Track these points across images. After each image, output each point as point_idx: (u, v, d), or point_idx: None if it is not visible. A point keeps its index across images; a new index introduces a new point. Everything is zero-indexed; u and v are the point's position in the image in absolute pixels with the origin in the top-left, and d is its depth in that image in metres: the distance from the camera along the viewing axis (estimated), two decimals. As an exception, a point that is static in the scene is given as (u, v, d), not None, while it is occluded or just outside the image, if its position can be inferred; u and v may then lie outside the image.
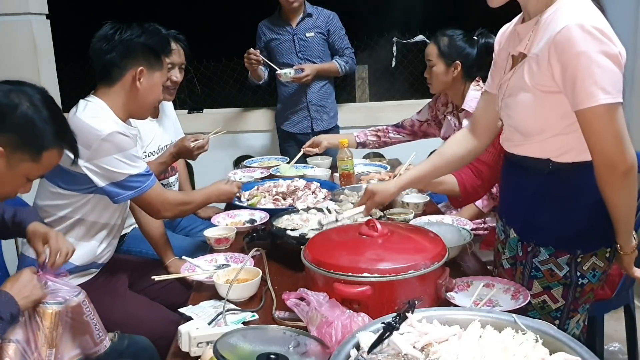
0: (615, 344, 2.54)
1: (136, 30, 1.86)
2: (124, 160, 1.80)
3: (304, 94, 3.54)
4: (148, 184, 1.86)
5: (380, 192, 1.80)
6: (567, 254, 1.50)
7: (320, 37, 3.51)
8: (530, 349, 1.03)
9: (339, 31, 3.55)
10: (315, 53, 3.50)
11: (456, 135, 1.81)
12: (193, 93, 5.35)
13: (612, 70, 1.29)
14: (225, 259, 1.83)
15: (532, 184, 1.52)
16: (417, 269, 1.35)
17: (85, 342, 1.47)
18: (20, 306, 1.33)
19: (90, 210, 1.89)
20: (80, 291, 1.48)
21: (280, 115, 3.68)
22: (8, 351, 1.33)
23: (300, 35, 3.48)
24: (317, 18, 3.51)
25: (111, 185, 1.81)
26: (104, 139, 1.76)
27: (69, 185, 1.84)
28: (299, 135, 3.60)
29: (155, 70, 1.90)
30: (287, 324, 1.39)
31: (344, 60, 3.54)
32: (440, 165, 1.77)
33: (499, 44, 1.63)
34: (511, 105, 1.50)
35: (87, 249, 1.92)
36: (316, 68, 3.44)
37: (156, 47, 1.90)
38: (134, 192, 1.84)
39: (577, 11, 1.32)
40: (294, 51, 3.48)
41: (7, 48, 3.32)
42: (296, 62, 3.46)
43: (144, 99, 1.91)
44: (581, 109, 1.32)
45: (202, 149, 2.45)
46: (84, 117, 1.79)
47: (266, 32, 3.52)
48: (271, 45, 3.51)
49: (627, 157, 1.32)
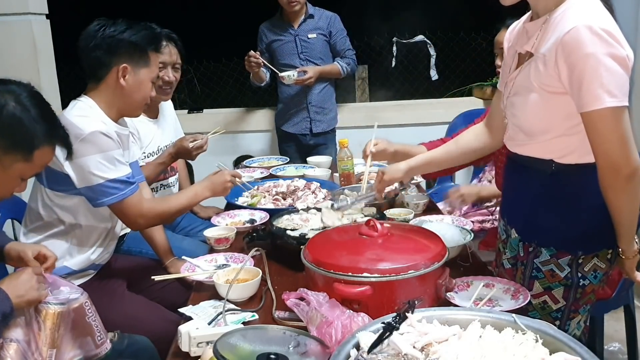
0: (615, 344, 2.54)
1: (120, 27, 1.83)
2: (103, 162, 1.75)
3: (305, 95, 3.53)
4: (126, 193, 1.80)
5: (389, 172, 1.82)
6: (568, 255, 1.49)
7: (322, 39, 3.51)
8: (530, 349, 1.02)
9: (340, 32, 3.55)
10: (317, 54, 3.50)
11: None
12: (193, 93, 5.34)
13: (619, 73, 1.29)
14: (225, 259, 1.83)
15: (535, 185, 1.52)
16: (417, 269, 1.35)
17: (86, 344, 1.46)
18: (13, 305, 1.33)
19: (79, 213, 1.86)
20: (82, 292, 1.48)
21: (280, 116, 3.67)
22: (9, 351, 1.32)
23: (302, 36, 3.47)
24: (318, 19, 3.51)
25: (86, 189, 1.77)
26: (84, 139, 1.73)
27: (56, 185, 1.83)
28: (299, 136, 3.60)
29: (140, 67, 1.86)
30: (287, 324, 1.39)
31: (345, 62, 3.54)
32: (454, 153, 1.79)
33: (508, 41, 1.62)
34: (516, 104, 1.50)
35: (84, 255, 1.91)
36: (319, 70, 3.44)
37: (141, 43, 1.85)
38: (111, 199, 1.78)
39: (586, 12, 1.32)
40: (296, 52, 3.48)
41: (7, 48, 3.32)
42: (298, 64, 3.46)
43: (131, 96, 1.87)
44: (587, 111, 1.32)
45: (201, 149, 2.45)
46: (70, 116, 1.78)
47: (267, 34, 3.52)
48: (273, 46, 3.51)
49: (631, 160, 1.32)
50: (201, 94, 5.39)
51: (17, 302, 1.34)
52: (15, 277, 1.38)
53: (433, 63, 4.17)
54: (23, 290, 1.35)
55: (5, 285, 1.35)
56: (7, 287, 1.34)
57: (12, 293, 1.33)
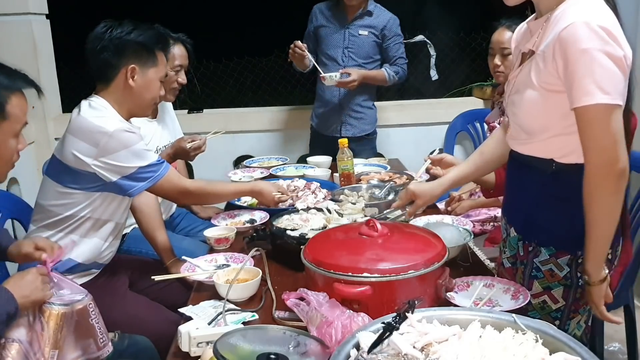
0: (615, 344, 2.54)
1: (127, 28, 1.84)
2: (132, 155, 1.81)
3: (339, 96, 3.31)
4: (160, 172, 1.86)
5: (422, 196, 1.76)
6: (567, 255, 1.49)
7: (372, 39, 3.25)
8: (530, 349, 1.03)
9: (396, 38, 3.28)
10: (362, 53, 3.24)
11: (495, 134, 1.79)
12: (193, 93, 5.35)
13: (613, 72, 1.29)
14: (225, 259, 1.84)
15: (535, 184, 1.51)
16: (417, 269, 1.35)
17: (88, 346, 1.46)
18: (19, 305, 1.33)
19: (96, 207, 1.88)
20: (87, 294, 1.48)
21: (315, 115, 3.46)
22: (11, 351, 1.32)
23: (352, 31, 3.23)
24: (376, 18, 3.24)
25: (123, 179, 1.82)
26: (111, 136, 1.77)
27: (76, 184, 1.84)
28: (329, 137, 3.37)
29: (148, 67, 1.88)
30: (287, 324, 1.39)
31: (394, 70, 3.28)
32: (481, 164, 1.79)
33: (515, 41, 1.63)
34: (516, 102, 1.50)
35: (90, 246, 1.92)
36: (363, 74, 3.18)
37: (148, 44, 1.87)
38: (147, 183, 1.85)
39: (586, 9, 1.32)
40: (341, 46, 3.23)
41: (7, 48, 3.32)
42: (340, 58, 3.23)
43: (141, 96, 1.90)
44: (578, 106, 1.31)
45: (199, 150, 2.45)
46: (89, 117, 1.80)
47: (319, 17, 3.28)
48: (320, 32, 3.27)
49: (621, 159, 1.31)
50: (201, 94, 5.40)
51: (22, 302, 1.34)
52: (20, 277, 1.38)
53: (433, 63, 4.16)
54: (28, 291, 1.36)
55: (11, 285, 1.35)
56: (13, 288, 1.34)
57: (18, 293, 1.34)
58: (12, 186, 3.05)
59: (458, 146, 3.97)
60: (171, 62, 2.44)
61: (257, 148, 3.98)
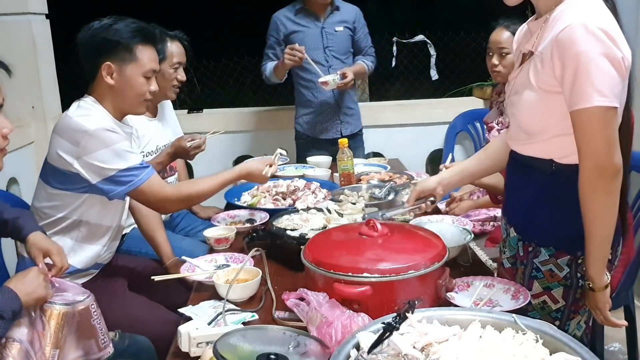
0: (615, 344, 2.54)
1: (105, 24, 1.82)
2: (112, 156, 1.76)
3: (335, 98, 3.26)
4: (142, 177, 1.79)
5: (420, 182, 1.79)
6: (567, 255, 1.49)
7: (348, 33, 3.24)
8: (530, 349, 1.03)
9: (364, 28, 3.30)
10: (342, 49, 3.23)
11: (503, 133, 1.78)
12: (193, 93, 5.34)
13: (611, 74, 1.29)
14: (225, 259, 1.84)
15: (535, 184, 1.51)
16: (417, 269, 1.35)
17: (89, 347, 1.46)
18: (23, 303, 1.33)
19: (87, 210, 1.87)
20: (89, 294, 1.48)
21: (307, 123, 3.33)
22: (11, 350, 1.32)
23: (328, 29, 3.19)
24: (345, 11, 3.24)
25: (103, 182, 1.78)
26: (91, 135, 1.74)
27: (62, 185, 1.83)
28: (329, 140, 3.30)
29: (126, 63, 1.83)
30: (287, 324, 1.39)
31: (370, 61, 3.32)
32: (484, 161, 1.77)
33: (516, 42, 1.63)
34: (516, 103, 1.50)
35: (90, 253, 1.92)
36: (354, 71, 3.15)
37: (122, 39, 1.82)
38: (127, 187, 1.79)
39: (584, 10, 1.32)
40: (321, 46, 3.18)
41: (6, 48, 3.31)
42: (324, 59, 3.18)
43: (124, 93, 1.85)
44: (575, 109, 1.32)
45: (199, 149, 2.44)
46: (73, 115, 1.79)
47: (287, 24, 3.19)
48: (294, 38, 3.15)
49: (616, 161, 1.32)
50: (201, 94, 5.39)
51: (26, 300, 1.34)
52: (22, 275, 1.39)
53: (433, 63, 4.16)
54: (31, 288, 1.36)
55: (13, 284, 1.35)
56: (16, 286, 1.34)
57: (21, 291, 1.34)
58: (12, 186, 3.05)
59: (458, 146, 3.97)
60: (169, 60, 2.44)
61: (257, 148, 3.99)
